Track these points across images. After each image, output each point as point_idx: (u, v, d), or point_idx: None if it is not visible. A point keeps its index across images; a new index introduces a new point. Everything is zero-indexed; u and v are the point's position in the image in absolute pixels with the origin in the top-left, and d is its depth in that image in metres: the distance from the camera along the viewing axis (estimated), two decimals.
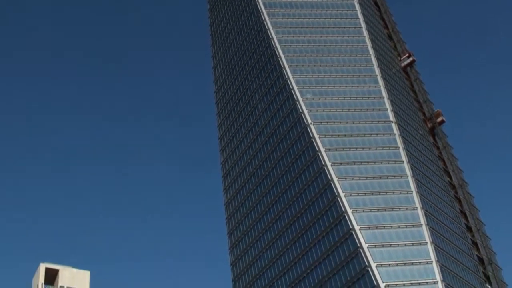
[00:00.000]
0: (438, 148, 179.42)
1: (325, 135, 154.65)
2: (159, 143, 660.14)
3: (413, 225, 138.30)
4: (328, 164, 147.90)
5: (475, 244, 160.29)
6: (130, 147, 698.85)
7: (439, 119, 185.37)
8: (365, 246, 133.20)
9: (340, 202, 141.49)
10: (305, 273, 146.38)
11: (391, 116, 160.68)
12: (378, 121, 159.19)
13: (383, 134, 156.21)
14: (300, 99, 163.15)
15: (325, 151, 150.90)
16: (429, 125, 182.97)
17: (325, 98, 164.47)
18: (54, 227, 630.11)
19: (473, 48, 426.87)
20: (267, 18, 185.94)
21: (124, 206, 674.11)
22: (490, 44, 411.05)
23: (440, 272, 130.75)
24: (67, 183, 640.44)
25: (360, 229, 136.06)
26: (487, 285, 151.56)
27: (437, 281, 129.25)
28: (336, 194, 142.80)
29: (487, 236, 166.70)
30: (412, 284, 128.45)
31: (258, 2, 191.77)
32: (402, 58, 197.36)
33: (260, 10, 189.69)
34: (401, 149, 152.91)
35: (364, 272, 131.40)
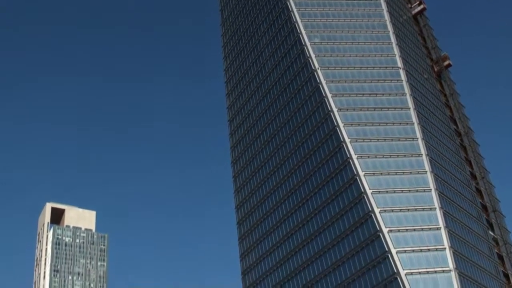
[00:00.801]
0: (445, 95, 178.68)
1: (332, 81, 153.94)
2: (164, 99, 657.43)
3: (418, 172, 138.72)
4: (335, 109, 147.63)
5: (479, 191, 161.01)
6: (138, 104, 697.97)
7: (446, 63, 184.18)
8: (369, 191, 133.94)
9: (345, 148, 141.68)
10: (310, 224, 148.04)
11: (399, 62, 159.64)
12: (386, 67, 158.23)
13: (391, 80, 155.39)
14: (308, 44, 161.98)
15: (331, 96, 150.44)
16: (436, 68, 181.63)
17: (333, 43, 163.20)
18: (61, 167, 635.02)
19: None
20: None
21: (132, 153, 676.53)
22: None
23: (443, 218, 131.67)
24: (75, 119, 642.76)
25: (364, 175, 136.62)
26: (490, 232, 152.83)
27: (440, 227, 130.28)
28: (342, 140, 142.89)
29: (491, 184, 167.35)
30: (415, 229, 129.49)
31: None
32: (413, 6, 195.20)
33: None
34: (407, 96, 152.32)
35: (367, 217, 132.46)
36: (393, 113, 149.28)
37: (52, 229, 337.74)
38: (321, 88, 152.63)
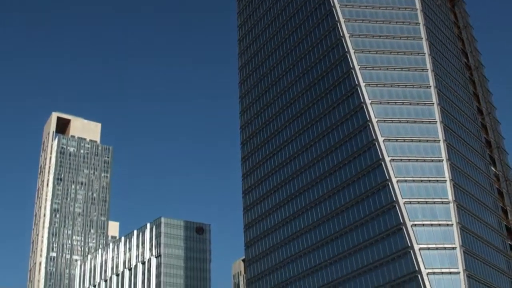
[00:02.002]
0: (458, 27, 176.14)
1: (346, 5, 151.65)
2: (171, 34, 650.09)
3: (425, 103, 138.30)
4: (346, 35, 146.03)
5: (484, 127, 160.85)
6: (145, 15, 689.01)
7: None
8: (374, 120, 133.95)
9: (354, 75, 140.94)
10: (313, 141, 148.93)
11: None
12: None
13: (405, 8, 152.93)
14: None
15: (344, 22, 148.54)
16: None
17: None
18: (67, 77, 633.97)
19: None
20: None
21: (140, 65, 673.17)
22: None
23: (446, 151, 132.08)
24: (86, 29, 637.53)
25: (371, 103, 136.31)
26: (492, 168, 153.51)
27: (442, 159, 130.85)
28: (351, 66, 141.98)
29: (497, 120, 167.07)
30: (417, 160, 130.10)
31: None
32: None
33: None
34: (421, 25, 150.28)
35: (370, 145, 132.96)
36: (405, 42, 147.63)
37: (57, 139, 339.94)
38: (334, 12, 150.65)
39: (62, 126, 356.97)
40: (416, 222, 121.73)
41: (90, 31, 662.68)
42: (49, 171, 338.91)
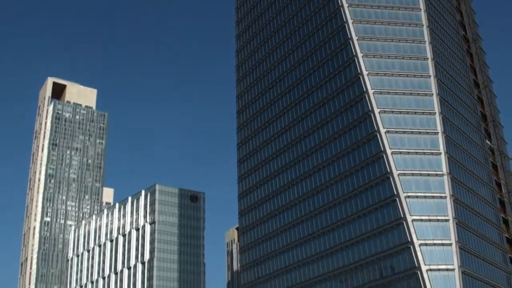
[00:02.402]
0: None
1: None
2: None
3: (422, 75, 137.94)
4: (345, 5, 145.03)
5: (480, 100, 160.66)
6: None
7: None
8: (370, 91, 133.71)
9: (351, 45, 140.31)
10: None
11: None
12: None
13: None
14: None
15: None
16: None
17: None
18: (64, 42, 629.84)
19: None
20: None
21: (136, 29, 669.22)
22: None
23: (441, 124, 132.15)
24: None
25: (368, 74, 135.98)
26: (487, 141, 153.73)
27: (438, 132, 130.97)
28: (349, 37, 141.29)
29: (493, 94, 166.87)
30: (412, 132, 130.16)
31: None
32: None
33: None
34: None
35: (366, 117, 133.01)
36: (403, 13, 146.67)
37: (52, 104, 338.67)
38: None
39: (58, 92, 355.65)
40: (409, 194, 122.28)
41: None
42: (44, 136, 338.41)
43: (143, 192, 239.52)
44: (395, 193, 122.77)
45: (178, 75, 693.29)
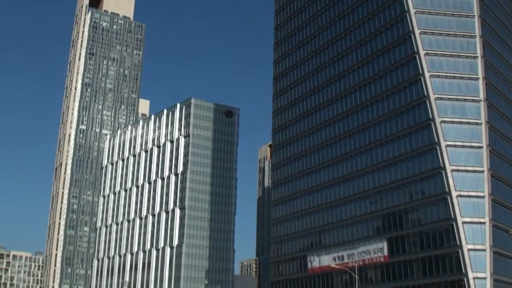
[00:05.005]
0: None
1: None
2: None
3: None
4: None
5: None
6: None
7: None
8: (412, 10, 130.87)
9: None
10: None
11: None
12: None
13: None
14: None
15: None
16: None
17: None
18: None
19: None
20: None
21: None
22: None
23: (481, 48, 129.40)
24: None
25: None
26: None
27: (477, 56, 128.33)
28: None
29: None
30: (452, 55, 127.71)
31: None
32: None
33: None
34: None
35: (406, 38, 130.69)
36: None
37: (90, 12, 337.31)
38: None
39: (96, 0, 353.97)
40: (445, 119, 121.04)
41: None
42: (81, 45, 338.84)
43: (178, 105, 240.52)
44: (431, 117, 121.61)
45: None
